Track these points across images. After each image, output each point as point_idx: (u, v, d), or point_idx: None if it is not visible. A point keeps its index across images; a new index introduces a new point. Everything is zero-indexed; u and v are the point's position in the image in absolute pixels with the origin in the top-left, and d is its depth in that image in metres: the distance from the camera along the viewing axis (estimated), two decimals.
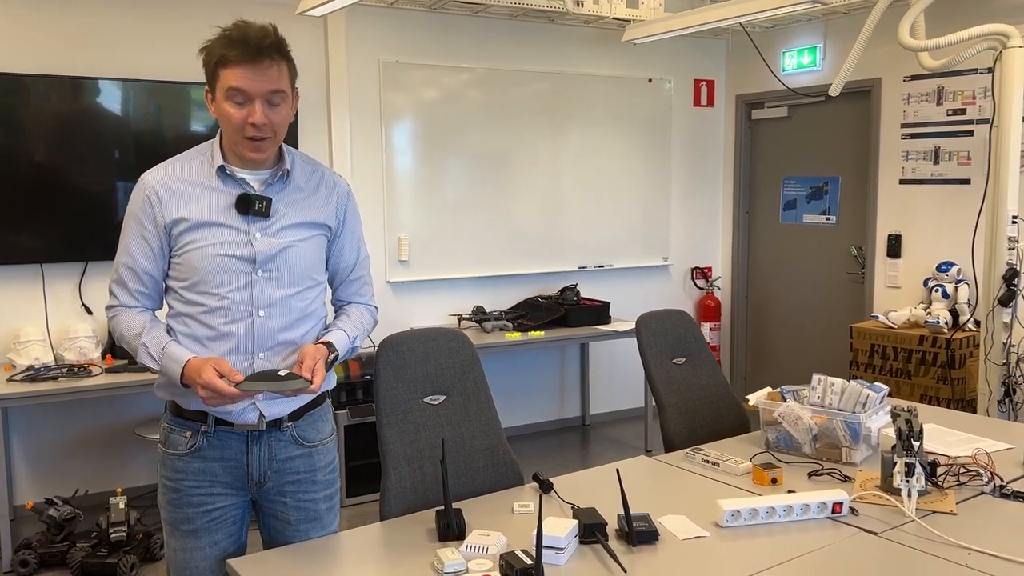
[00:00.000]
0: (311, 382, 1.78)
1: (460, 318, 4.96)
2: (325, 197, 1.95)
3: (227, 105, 1.79)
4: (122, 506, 3.47)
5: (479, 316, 4.94)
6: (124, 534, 3.41)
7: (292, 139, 4.47)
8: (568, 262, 5.50)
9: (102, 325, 4.16)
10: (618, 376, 5.79)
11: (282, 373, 1.80)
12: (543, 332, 4.77)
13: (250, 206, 1.83)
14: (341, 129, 4.66)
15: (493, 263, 5.25)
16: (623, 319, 5.23)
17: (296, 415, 1.92)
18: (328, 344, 1.89)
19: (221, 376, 1.73)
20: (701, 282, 6.10)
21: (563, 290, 5.21)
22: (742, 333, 6.19)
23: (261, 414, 1.86)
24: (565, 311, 4.94)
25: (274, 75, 1.79)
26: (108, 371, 3.86)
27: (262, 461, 1.89)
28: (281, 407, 1.89)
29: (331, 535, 1.95)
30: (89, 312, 4.19)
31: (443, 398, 2.24)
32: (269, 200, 1.85)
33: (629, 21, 5.04)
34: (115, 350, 4.05)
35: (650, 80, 5.74)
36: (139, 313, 1.87)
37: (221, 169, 1.85)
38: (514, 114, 5.25)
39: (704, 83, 6.03)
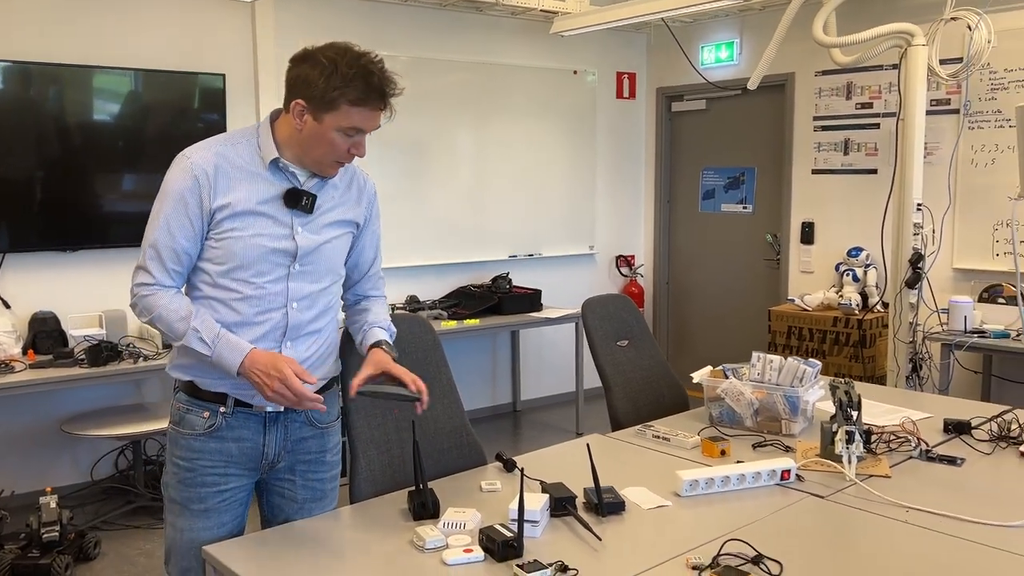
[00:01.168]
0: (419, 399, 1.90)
1: (394, 307, 4.97)
2: (356, 196, 1.99)
3: (337, 135, 1.79)
4: (53, 505, 3.36)
5: (413, 305, 4.96)
6: (57, 534, 3.30)
7: (220, 126, 4.38)
8: (498, 251, 5.57)
9: (21, 320, 4.00)
10: (547, 362, 5.91)
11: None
12: (478, 320, 4.83)
13: (298, 201, 1.84)
14: None
15: (423, 252, 5.27)
16: (554, 306, 5.34)
17: None
18: (387, 345, 1.98)
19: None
20: (625, 270, 6.28)
21: (495, 278, 5.28)
22: (664, 318, 6.40)
23: None
24: (499, 299, 5.01)
25: (382, 114, 1.84)
26: (31, 367, 3.72)
27: (277, 442, 1.93)
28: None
29: (303, 520, 1.96)
30: (7, 306, 4.01)
31: None
32: (315, 197, 1.87)
33: (556, 13, 5.14)
34: (37, 345, 3.89)
35: (575, 72, 5.85)
36: (177, 295, 1.84)
37: (275, 162, 1.84)
38: (440, 103, 5.27)
39: (626, 76, 6.19)
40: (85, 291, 4.18)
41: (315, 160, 1.84)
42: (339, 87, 1.75)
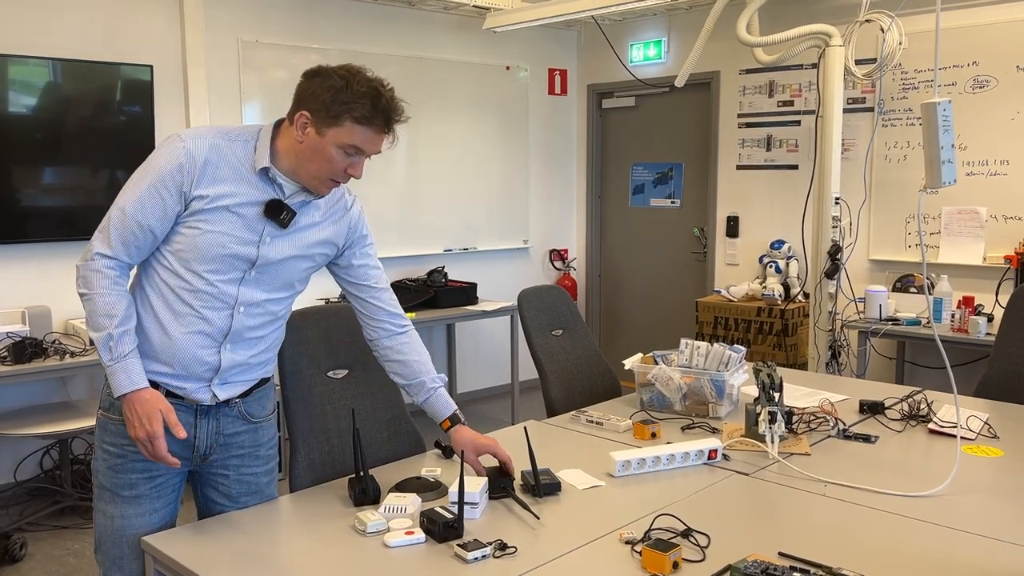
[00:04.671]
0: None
1: (328, 302, 4.95)
2: (339, 216, 1.98)
3: (336, 152, 1.78)
4: None
5: (347, 300, 4.94)
6: None
7: (149, 120, 4.30)
8: (433, 245, 5.60)
9: None
10: (483, 355, 5.96)
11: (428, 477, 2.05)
12: (414, 314, 4.85)
13: (277, 213, 1.83)
14: (199, 110, 4.52)
15: None
16: (489, 299, 5.39)
17: (244, 393, 1.95)
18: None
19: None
20: (559, 263, 6.37)
21: (431, 272, 5.30)
22: (597, 310, 6.52)
23: (214, 394, 1.89)
24: (434, 293, 5.04)
25: (384, 141, 1.85)
26: None
27: (209, 435, 1.92)
28: (233, 389, 1.92)
29: (243, 508, 1.97)
30: None
31: (345, 372, 2.30)
32: (295, 214, 1.85)
33: (489, 9, 5.19)
34: None
35: (507, 68, 5.91)
36: (121, 289, 1.79)
37: (265, 170, 1.82)
38: None
39: (558, 72, 6.28)
40: (6, 287, 4.05)
41: (310, 175, 1.82)
42: (346, 102, 1.76)
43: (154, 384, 1.85)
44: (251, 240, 1.83)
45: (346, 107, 1.76)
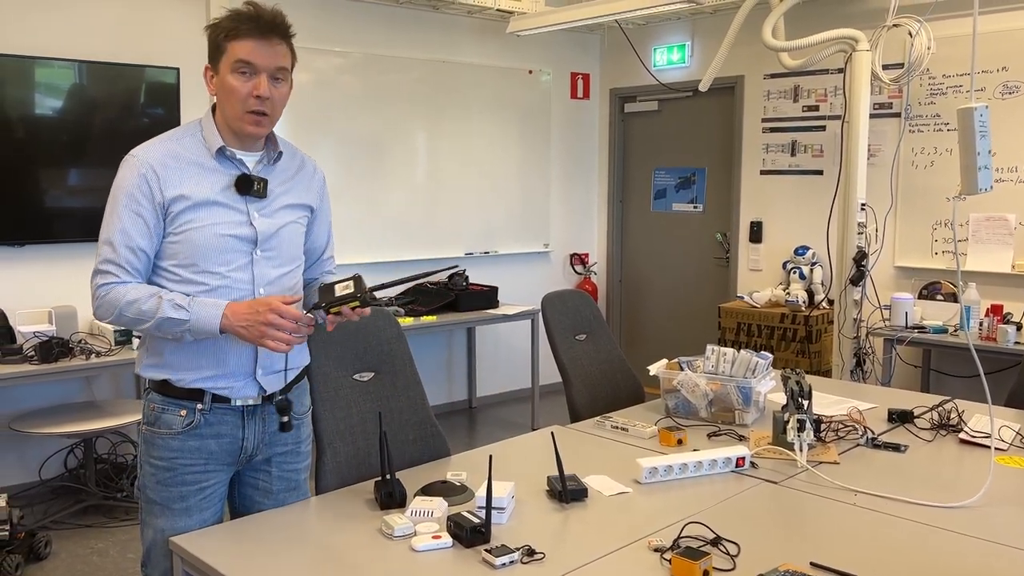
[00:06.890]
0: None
1: None
2: (308, 179, 2.02)
3: (232, 78, 1.80)
4: (3, 504, 3.29)
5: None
6: (7, 533, 3.25)
7: (174, 122, 4.33)
8: (454, 248, 5.60)
9: None
10: (503, 358, 5.95)
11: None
12: (435, 317, 4.85)
13: (250, 187, 1.86)
14: None
15: (378, 249, 5.27)
16: (510, 303, 5.38)
17: (286, 388, 1.97)
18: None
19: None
20: (579, 267, 6.36)
21: (452, 275, 5.30)
22: (618, 315, 6.49)
23: (261, 387, 1.91)
24: (455, 296, 5.04)
25: (280, 52, 1.84)
26: None
27: (256, 435, 1.94)
28: (277, 381, 1.94)
29: (271, 510, 1.97)
30: None
31: (372, 375, 2.30)
32: (266, 181, 1.89)
33: (512, 13, 5.19)
34: None
35: (530, 72, 5.91)
36: (139, 282, 1.83)
37: (221, 150, 1.85)
38: (396, 101, 5.27)
39: (580, 76, 6.26)
40: (33, 287, 4.09)
41: (231, 118, 1.84)
42: (221, 31, 1.81)
43: (200, 391, 1.87)
44: (242, 221, 1.86)
45: (221, 34, 1.81)
